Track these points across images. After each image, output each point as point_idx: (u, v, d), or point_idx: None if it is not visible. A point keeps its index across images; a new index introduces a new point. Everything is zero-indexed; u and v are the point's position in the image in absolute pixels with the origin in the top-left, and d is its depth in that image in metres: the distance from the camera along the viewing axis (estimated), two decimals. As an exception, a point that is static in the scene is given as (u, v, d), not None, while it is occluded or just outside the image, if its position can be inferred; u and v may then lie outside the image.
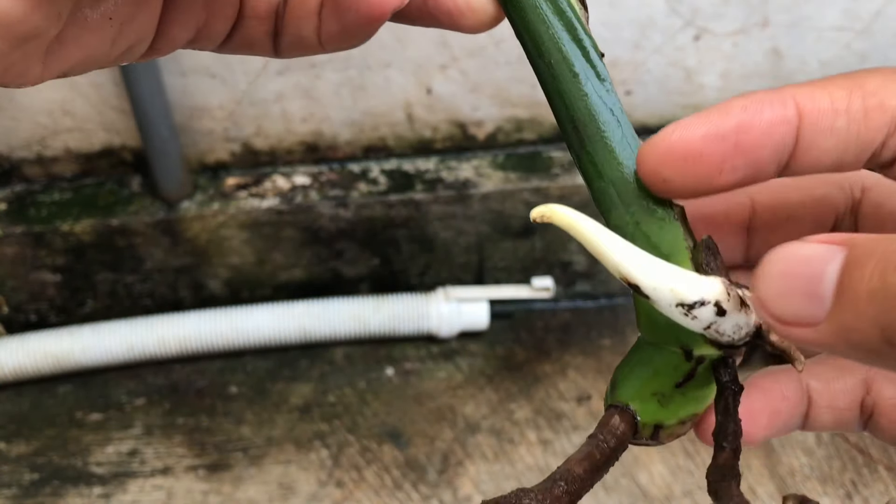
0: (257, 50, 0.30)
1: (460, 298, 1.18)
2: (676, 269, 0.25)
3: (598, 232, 0.25)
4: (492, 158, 1.17)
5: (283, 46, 0.30)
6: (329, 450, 1.08)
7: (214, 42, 0.29)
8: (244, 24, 0.29)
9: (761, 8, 1.07)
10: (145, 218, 1.10)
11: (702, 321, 0.24)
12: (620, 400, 0.28)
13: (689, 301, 0.24)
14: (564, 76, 0.28)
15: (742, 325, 0.25)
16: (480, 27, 0.29)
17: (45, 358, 1.12)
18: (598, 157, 0.28)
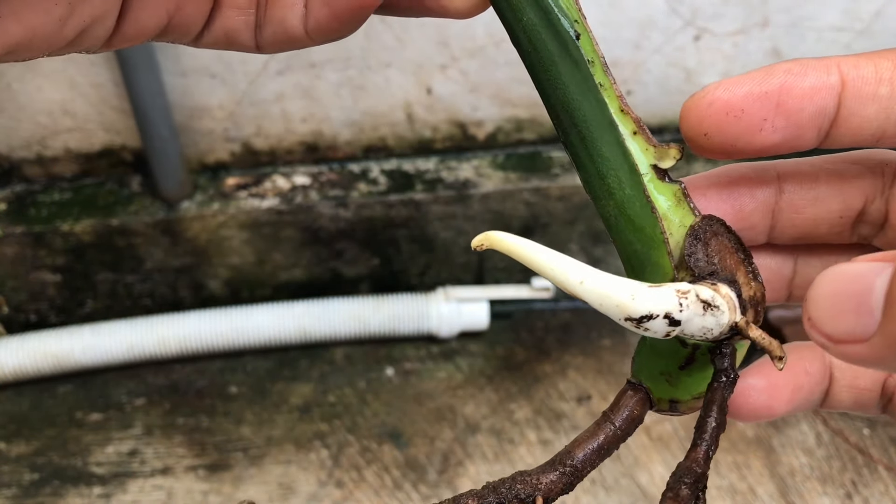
0: (237, 43, 0.28)
1: (460, 298, 1.18)
2: (622, 284, 0.25)
3: (540, 252, 0.25)
4: (492, 158, 1.17)
5: (265, 39, 0.28)
6: (329, 450, 1.08)
7: (189, 34, 0.27)
8: (221, 14, 0.27)
9: (761, 8, 1.07)
10: (145, 218, 1.10)
11: (656, 332, 0.25)
12: (634, 377, 0.30)
13: (636, 316, 0.24)
14: (540, 66, 0.27)
15: (711, 327, 0.25)
16: (466, 12, 0.28)
17: (45, 358, 1.12)
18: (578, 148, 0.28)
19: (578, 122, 0.27)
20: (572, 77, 0.27)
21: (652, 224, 0.27)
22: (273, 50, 0.28)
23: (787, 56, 1.12)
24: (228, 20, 0.27)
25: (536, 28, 0.27)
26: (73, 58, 1.03)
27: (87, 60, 1.03)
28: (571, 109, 0.27)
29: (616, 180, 0.27)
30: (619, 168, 0.27)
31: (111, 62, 1.02)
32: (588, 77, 0.27)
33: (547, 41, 0.27)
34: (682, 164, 1.17)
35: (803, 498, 1.03)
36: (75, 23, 0.24)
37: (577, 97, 0.27)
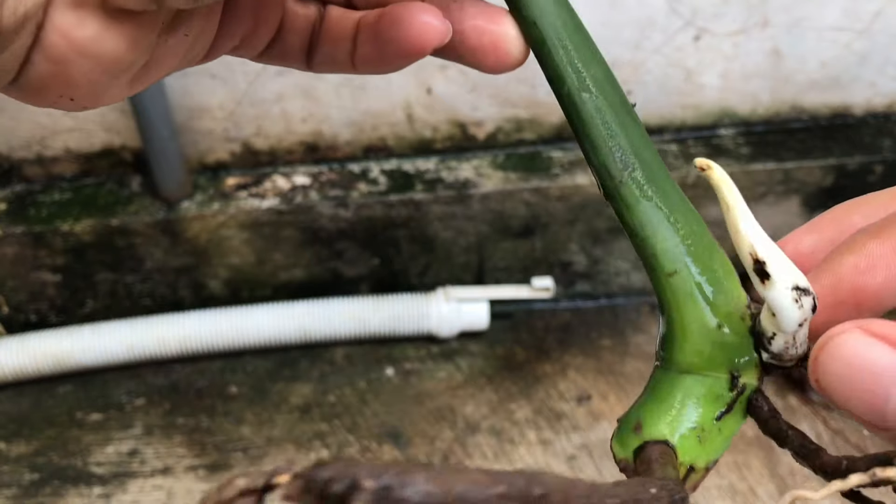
0: (291, 62, 0.31)
1: (460, 298, 1.18)
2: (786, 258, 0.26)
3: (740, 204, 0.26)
4: (492, 158, 1.17)
5: (315, 61, 0.31)
6: (329, 450, 1.08)
7: (255, 50, 0.31)
8: (283, 37, 0.30)
9: (761, 8, 1.07)
10: (145, 218, 1.10)
11: (804, 312, 0.25)
12: (654, 437, 0.27)
13: (804, 286, 0.25)
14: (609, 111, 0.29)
15: (802, 343, 0.26)
16: (504, 66, 0.29)
17: (45, 358, 1.12)
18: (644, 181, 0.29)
19: (646, 161, 0.29)
20: (635, 127, 0.29)
21: (722, 256, 0.29)
22: (323, 71, 0.31)
23: (787, 56, 1.12)
24: (287, 43, 0.30)
25: (603, 82, 0.29)
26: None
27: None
28: (639, 151, 0.29)
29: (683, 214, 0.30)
30: (683, 203, 0.30)
31: (111, 62, 1.02)
32: (645, 132, 0.29)
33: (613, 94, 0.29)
34: (681, 163, 1.17)
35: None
36: (190, 55, 0.28)
37: (641, 143, 0.29)
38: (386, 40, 0.28)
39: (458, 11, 0.28)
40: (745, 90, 1.16)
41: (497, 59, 0.29)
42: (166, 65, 0.27)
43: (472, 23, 0.28)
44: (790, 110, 1.20)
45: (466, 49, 0.29)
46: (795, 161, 1.15)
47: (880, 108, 1.22)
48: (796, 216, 1.22)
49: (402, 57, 0.28)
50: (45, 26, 0.23)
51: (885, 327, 0.21)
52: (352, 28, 0.30)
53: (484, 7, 0.29)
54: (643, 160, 0.29)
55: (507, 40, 0.28)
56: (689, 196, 0.31)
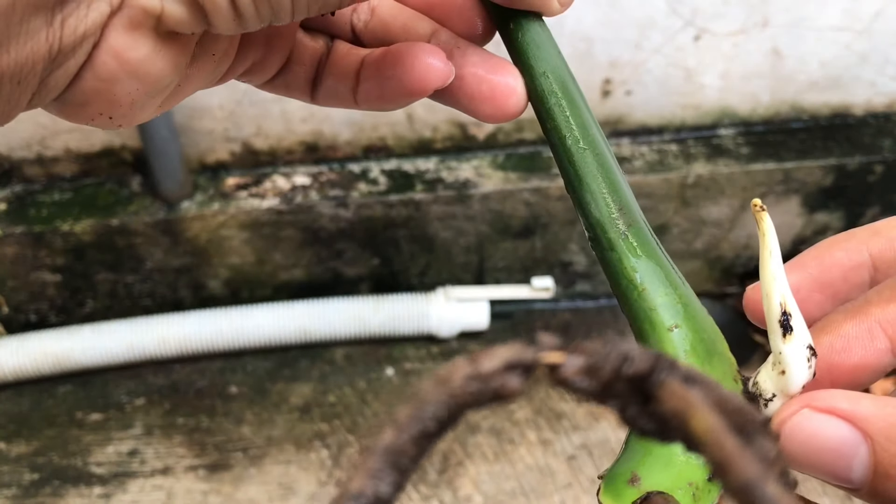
0: (295, 92, 0.32)
1: (460, 298, 1.18)
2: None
3: (778, 253, 0.26)
4: (492, 158, 1.17)
5: (319, 94, 0.31)
6: (329, 450, 1.08)
7: (263, 78, 0.31)
8: (290, 68, 0.31)
9: (761, 8, 1.07)
10: (145, 218, 1.10)
11: (810, 373, 0.25)
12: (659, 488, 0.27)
13: (814, 347, 0.25)
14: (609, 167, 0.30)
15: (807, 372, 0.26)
16: (500, 116, 0.29)
17: (45, 358, 1.12)
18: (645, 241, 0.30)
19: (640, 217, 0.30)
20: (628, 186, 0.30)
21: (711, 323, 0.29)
22: (325, 104, 0.32)
23: (787, 56, 1.12)
24: (293, 74, 0.31)
25: (600, 139, 0.30)
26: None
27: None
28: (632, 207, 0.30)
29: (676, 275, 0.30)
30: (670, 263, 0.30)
31: (111, 62, 1.02)
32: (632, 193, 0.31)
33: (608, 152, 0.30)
34: (681, 163, 1.17)
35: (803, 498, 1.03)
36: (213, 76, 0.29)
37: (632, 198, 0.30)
38: (388, 77, 0.29)
39: (459, 57, 0.29)
40: (745, 90, 1.16)
41: (494, 108, 0.29)
42: (193, 85, 0.28)
43: (472, 70, 0.29)
44: (790, 110, 1.20)
45: (464, 95, 0.29)
46: (795, 161, 1.15)
47: (880, 108, 1.22)
48: (796, 216, 1.22)
49: (402, 95, 0.29)
50: (101, 45, 0.23)
51: (831, 400, 0.22)
52: (357, 64, 0.30)
53: (486, 56, 0.29)
54: (636, 218, 0.29)
55: (506, 91, 0.29)
56: (689, 196, 0.31)
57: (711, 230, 1.21)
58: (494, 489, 1.04)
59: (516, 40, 0.29)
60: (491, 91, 0.29)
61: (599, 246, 0.29)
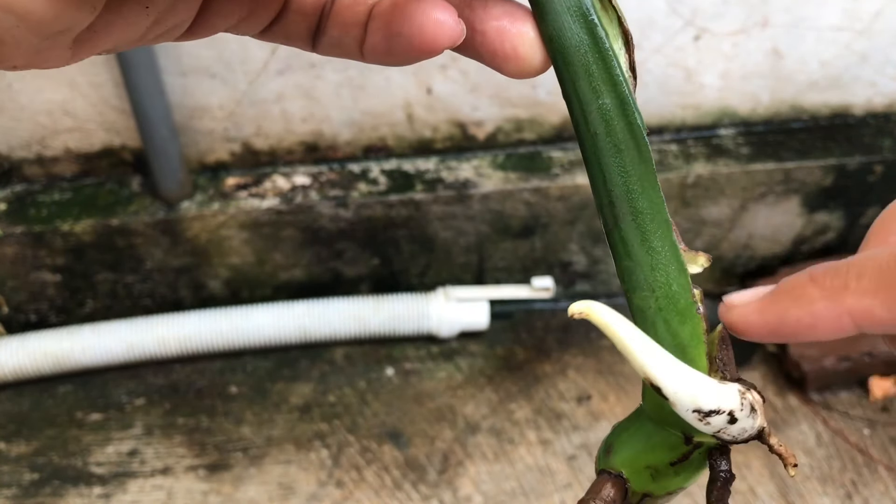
0: (294, 42, 0.30)
1: (460, 298, 1.18)
2: (698, 376, 0.25)
3: (629, 333, 0.25)
4: (492, 158, 1.17)
5: (321, 44, 0.29)
6: (329, 450, 1.08)
7: (254, 31, 0.29)
8: (287, 18, 0.29)
9: (761, 8, 1.07)
10: (145, 218, 1.10)
11: (713, 427, 0.26)
12: (615, 467, 0.29)
13: (706, 409, 0.25)
14: (608, 151, 0.27)
15: (748, 429, 0.26)
16: (523, 74, 0.28)
17: (45, 358, 1.12)
18: (630, 238, 0.28)
19: (638, 211, 0.28)
20: (638, 168, 0.27)
21: (694, 322, 0.28)
22: (328, 54, 0.29)
23: (787, 56, 1.12)
24: (292, 24, 0.29)
25: (611, 114, 0.27)
26: (73, 58, 1.02)
27: (86, 61, 1.03)
28: (633, 199, 0.28)
29: (665, 275, 0.28)
30: (670, 264, 0.28)
31: (111, 62, 1.02)
32: (651, 172, 0.28)
33: (619, 129, 0.27)
34: (681, 163, 1.17)
35: (803, 498, 1.03)
36: (157, 30, 0.26)
37: (639, 188, 0.28)
38: (396, 34, 0.27)
39: (481, 10, 0.27)
40: (744, 90, 1.16)
41: (518, 65, 0.27)
42: (121, 36, 0.25)
43: (494, 24, 0.27)
44: (790, 110, 1.20)
45: (486, 51, 0.27)
46: (795, 161, 1.15)
47: (880, 108, 1.22)
48: (796, 216, 1.22)
49: (411, 53, 0.27)
50: None
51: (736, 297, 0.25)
52: (364, 14, 0.28)
53: (508, 7, 0.27)
54: (637, 210, 0.28)
55: (530, 46, 0.27)
56: (689, 196, 0.31)
57: (711, 230, 1.21)
58: (494, 489, 1.04)
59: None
60: (514, 49, 0.27)
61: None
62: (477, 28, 0.27)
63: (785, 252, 1.27)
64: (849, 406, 1.14)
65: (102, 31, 0.24)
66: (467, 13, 0.27)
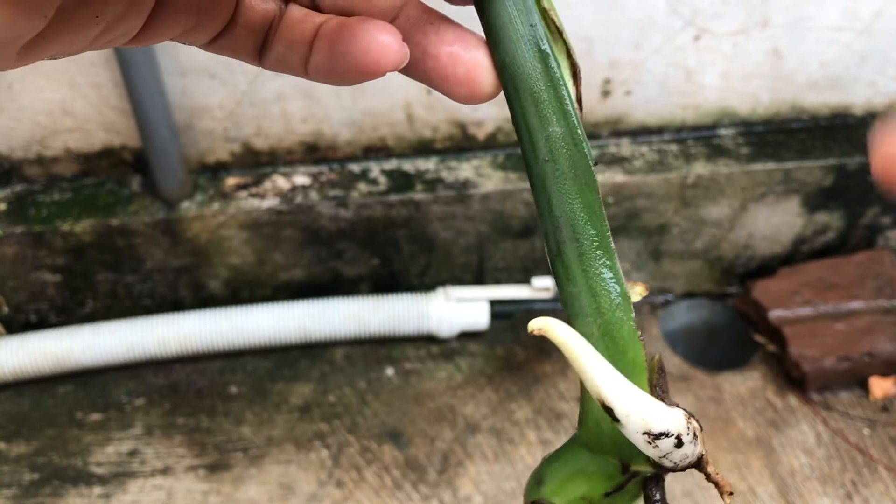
0: (240, 55, 0.30)
1: (460, 298, 1.18)
2: (649, 399, 0.26)
3: (585, 352, 0.26)
4: (492, 158, 1.17)
5: (267, 59, 0.29)
6: (329, 450, 1.08)
7: (201, 41, 0.29)
8: (235, 32, 0.29)
9: (761, 8, 1.07)
10: (145, 218, 1.10)
11: (660, 450, 0.26)
12: (546, 497, 0.29)
13: (656, 432, 0.25)
14: (554, 177, 0.28)
15: (689, 455, 0.27)
16: (473, 100, 0.28)
17: (45, 358, 1.12)
18: (572, 264, 0.28)
19: (582, 238, 0.28)
20: (584, 195, 0.28)
21: (636, 349, 0.28)
22: (272, 70, 0.29)
23: (787, 56, 1.12)
24: (239, 38, 0.29)
25: (559, 142, 0.27)
26: (73, 58, 1.03)
27: (87, 60, 1.03)
28: (576, 225, 0.28)
29: (608, 301, 0.28)
30: (612, 290, 0.28)
31: (111, 62, 1.02)
32: (597, 200, 0.28)
33: (567, 157, 0.27)
34: (681, 163, 1.17)
35: (803, 498, 1.03)
36: (106, 37, 0.25)
37: (584, 216, 0.28)
38: (342, 54, 0.27)
39: (433, 35, 0.27)
40: (745, 90, 1.16)
41: (469, 90, 0.28)
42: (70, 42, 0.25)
43: (447, 49, 0.27)
44: (790, 110, 1.20)
45: (437, 75, 0.28)
46: (795, 161, 1.15)
47: (880, 108, 1.21)
48: (796, 216, 1.22)
49: (354, 73, 0.27)
50: None
51: None
52: (311, 32, 0.28)
53: (460, 33, 0.28)
54: (582, 236, 0.28)
55: (483, 71, 0.27)
56: (689, 196, 0.31)
57: (711, 230, 1.21)
58: (494, 489, 1.04)
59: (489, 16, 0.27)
60: (467, 74, 0.27)
61: None
62: (430, 52, 0.27)
63: (785, 252, 1.27)
64: (849, 406, 1.14)
65: (52, 38, 0.24)
66: (419, 38, 0.27)
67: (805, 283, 1.21)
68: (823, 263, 1.24)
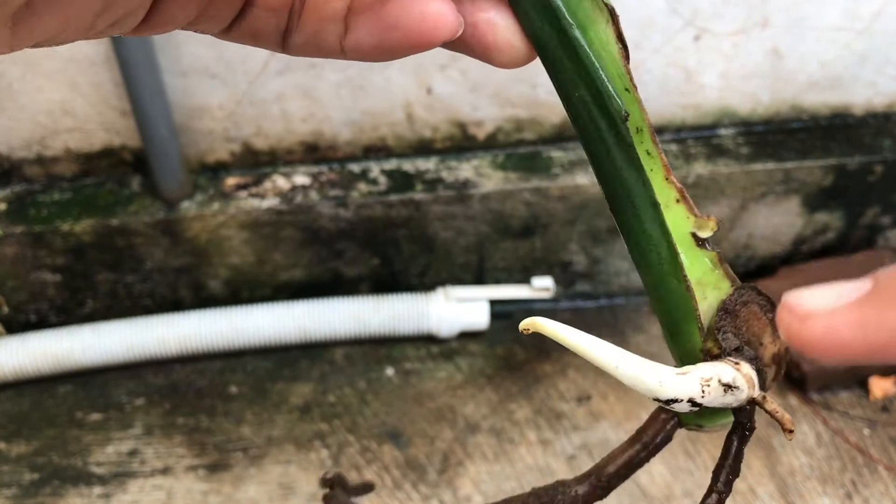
0: (263, 42, 0.27)
1: (460, 298, 1.18)
2: (653, 371, 0.27)
3: (579, 336, 0.28)
4: (492, 158, 1.17)
5: (294, 43, 0.27)
6: (329, 450, 1.08)
7: (217, 27, 0.27)
8: (253, 13, 0.26)
9: (761, 8, 1.07)
10: (145, 218, 1.10)
11: (679, 409, 0.28)
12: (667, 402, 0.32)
13: (663, 399, 0.27)
14: (594, 137, 0.28)
15: (731, 402, 0.28)
16: (514, 64, 0.28)
17: (45, 358, 1.12)
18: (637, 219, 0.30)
19: (631, 196, 0.29)
20: (621, 153, 0.28)
21: (685, 300, 0.29)
22: (300, 55, 0.28)
23: (787, 56, 1.12)
24: (258, 20, 0.27)
25: (588, 105, 0.28)
26: (73, 57, 1.02)
27: (87, 60, 1.03)
28: (624, 183, 0.29)
29: (656, 256, 0.29)
30: (660, 245, 0.29)
31: (111, 62, 1.02)
32: (634, 156, 0.28)
33: (597, 118, 0.28)
34: (681, 163, 1.17)
35: (803, 498, 1.03)
36: (109, 17, 0.24)
37: (625, 173, 0.28)
38: (390, 27, 0.25)
39: (468, 3, 0.26)
40: (744, 90, 1.16)
41: (511, 56, 0.27)
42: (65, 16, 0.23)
43: (484, 16, 0.26)
44: (790, 110, 1.20)
45: (478, 43, 0.27)
46: (795, 161, 1.15)
47: (880, 108, 1.21)
48: (796, 216, 1.22)
49: (405, 48, 0.26)
50: None
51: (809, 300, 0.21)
52: (342, 7, 0.26)
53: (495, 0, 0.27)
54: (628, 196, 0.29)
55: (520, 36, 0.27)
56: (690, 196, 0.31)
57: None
58: (494, 489, 1.04)
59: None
60: (506, 40, 0.27)
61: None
62: (468, 21, 0.26)
63: (785, 252, 1.27)
64: (849, 406, 1.14)
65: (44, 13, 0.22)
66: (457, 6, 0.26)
67: (805, 283, 1.21)
68: (823, 263, 1.24)
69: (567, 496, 0.32)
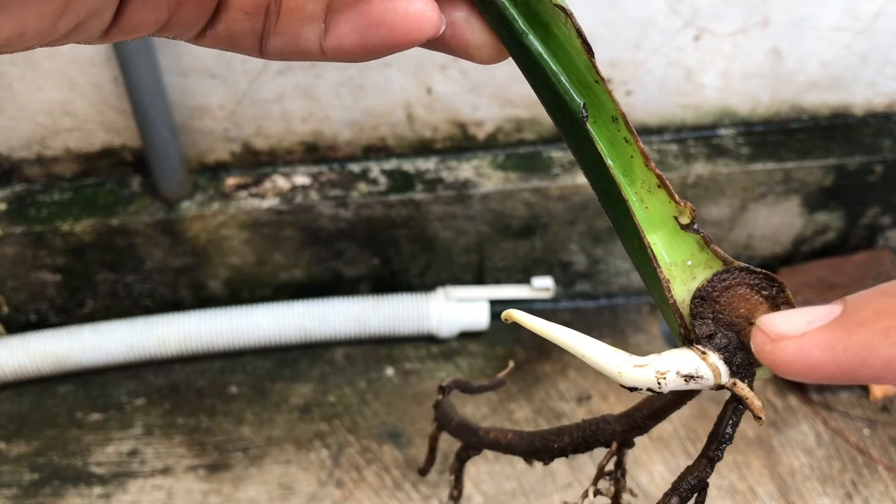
0: (239, 47, 0.27)
1: (460, 298, 1.18)
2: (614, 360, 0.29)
3: (552, 327, 0.30)
4: (492, 158, 1.17)
5: (272, 46, 0.27)
6: (329, 450, 1.08)
7: (190, 32, 0.26)
8: (227, 17, 0.26)
9: (761, 8, 1.07)
10: (145, 218, 1.10)
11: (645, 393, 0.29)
12: None
13: (626, 385, 0.29)
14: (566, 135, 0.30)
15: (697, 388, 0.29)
16: (493, 60, 0.28)
17: (45, 358, 1.12)
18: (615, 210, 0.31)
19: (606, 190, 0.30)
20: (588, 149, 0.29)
21: (659, 288, 0.30)
22: (278, 58, 0.27)
23: (787, 56, 1.12)
24: (233, 23, 0.26)
25: (551, 106, 0.29)
26: (73, 57, 1.02)
27: (87, 60, 1.03)
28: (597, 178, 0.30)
29: (631, 246, 0.30)
30: (633, 235, 0.30)
31: (111, 62, 1.02)
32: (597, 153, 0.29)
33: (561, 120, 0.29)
34: (681, 163, 1.17)
35: (803, 498, 1.03)
36: (70, 18, 0.23)
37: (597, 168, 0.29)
38: (374, 24, 0.25)
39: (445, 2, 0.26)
40: (744, 90, 1.16)
41: (491, 52, 0.27)
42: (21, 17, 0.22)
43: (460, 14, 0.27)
44: (790, 110, 1.20)
45: (457, 42, 0.27)
46: (795, 161, 1.15)
47: (880, 108, 1.22)
48: (796, 216, 1.22)
49: (389, 45, 0.25)
50: None
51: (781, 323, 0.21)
52: (321, 7, 0.26)
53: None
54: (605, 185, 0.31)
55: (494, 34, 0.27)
56: (689, 196, 0.31)
57: (711, 230, 1.21)
58: (494, 489, 1.04)
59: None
60: (484, 37, 0.27)
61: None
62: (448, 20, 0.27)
63: (785, 252, 1.27)
64: (849, 406, 1.14)
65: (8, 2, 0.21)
66: None
67: (805, 283, 1.21)
68: (823, 263, 1.24)
69: (607, 431, 0.36)
